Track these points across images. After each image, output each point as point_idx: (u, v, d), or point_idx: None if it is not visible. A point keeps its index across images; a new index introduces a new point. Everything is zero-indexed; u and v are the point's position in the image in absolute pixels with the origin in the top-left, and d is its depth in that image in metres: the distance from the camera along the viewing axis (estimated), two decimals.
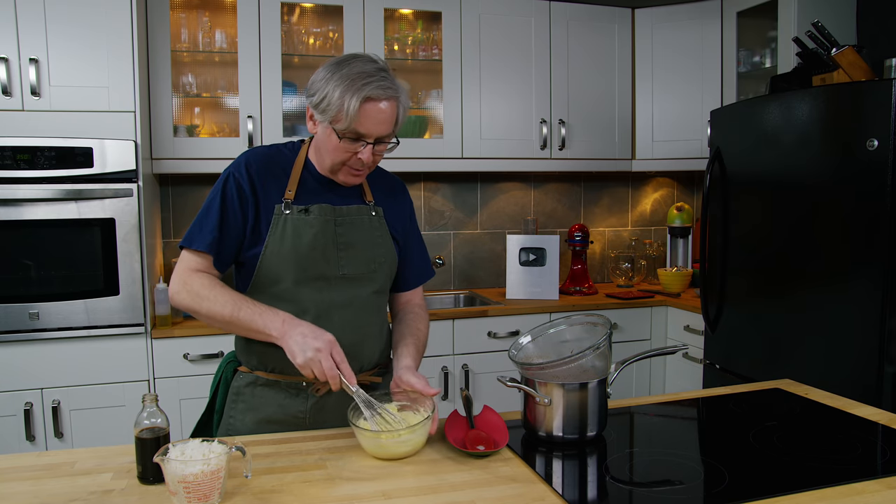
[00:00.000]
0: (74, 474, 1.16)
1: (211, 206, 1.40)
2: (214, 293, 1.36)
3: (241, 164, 1.43)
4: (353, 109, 1.30)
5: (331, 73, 1.33)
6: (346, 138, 1.34)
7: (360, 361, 1.47)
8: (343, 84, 1.30)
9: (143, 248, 2.51)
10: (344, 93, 1.30)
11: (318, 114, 1.35)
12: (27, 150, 2.37)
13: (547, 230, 3.65)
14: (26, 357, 2.42)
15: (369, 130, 1.34)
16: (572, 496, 1.09)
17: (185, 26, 2.92)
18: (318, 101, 1.34)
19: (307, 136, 2.96)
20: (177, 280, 1.41)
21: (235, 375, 1.51)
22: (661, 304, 3.24)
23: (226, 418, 1.49)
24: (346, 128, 1.33)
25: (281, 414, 1.45)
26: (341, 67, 1.33)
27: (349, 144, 1.35)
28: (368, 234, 1.48)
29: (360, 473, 1.17)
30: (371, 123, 1.33)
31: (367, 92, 1.30)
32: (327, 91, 1.32)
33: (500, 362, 2.95)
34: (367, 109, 1.31)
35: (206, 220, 1.40)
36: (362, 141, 1.35)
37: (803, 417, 1.46)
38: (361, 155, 1.36)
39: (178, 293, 1.40)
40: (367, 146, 1.36)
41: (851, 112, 2.16)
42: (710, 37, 3.26)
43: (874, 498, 1.06)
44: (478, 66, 3.14)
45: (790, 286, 2.39)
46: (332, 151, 1.38)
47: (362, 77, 1.30)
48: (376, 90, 1.31)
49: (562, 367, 1.32)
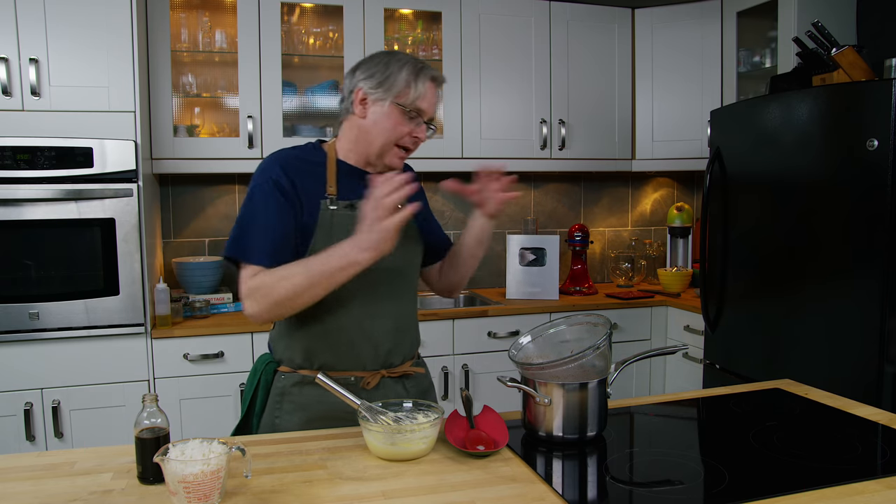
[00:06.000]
0: (74, 474, 1.16)
1: (264, 215, 1.37)
2: (278, 275, 1.33)
3: (276, 168, 1.41)
4: (421, 85, 1.42)
5: (387, 59, 1.44)
6: (408, 113, 1.42)
7: (403, 351, 1.52)
8: (408, 65, 1.42)
9: (143, 248, 2.51)
10: (411, 71, 1.42)
11: (381, 91, 1.41)
12: (27, 150, 2.37)
13: (547, 230, 3.65)
14: (26, 357, 2.42)
15: (428, 108, 1.44)
16: (572, 496, 1.09)
17: (185, 26, 2.92)
18: (383, 78, 1.41)
19: (309, 135, 2.98)
20: (246, 298, 1.34)
21: (276, 376, 1.49)
22: (661, 304, 3.24)
23: (269, 419, 1.47)
24: (411, 102, 1.41)
25: (331, 411, 1.44)
26: (394, 55, 1.45)
27: (408, 121, 1.43)
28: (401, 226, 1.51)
29: (360, 473, 1.17)
30: (430, 102, 1.44)
31: (430, 72, 1.44)
32: (391, 70, 1.41)
33: (500, 362, 2.95)
34: (431, 89, 1.44)
35: (264, 233, 1.37)
36: (420, 118, 1.44)
37: (803, 417, 1.46)
38: (417, 133, 1.44)
39: (253, 307, 1.33)
40: (422, 124, 1.45)
41: (851, 112, 2.16)
42: (710, 37, 3.26)
43: (874, 498, 1.06)
44: (478, 66, 3.14)
45: (790, 286, 2.39)
46: (390, 129, 1.43)
47: (419, 62, 1.45)
48: (435, 73, 1.45)
49: (562, 367, 1.32)
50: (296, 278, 1.31)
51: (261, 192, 1.39)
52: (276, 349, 1.52)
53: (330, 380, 1.28)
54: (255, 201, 1.39)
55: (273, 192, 1.39)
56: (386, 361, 1.49)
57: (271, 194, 1.39)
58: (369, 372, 1.47)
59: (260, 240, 1.37)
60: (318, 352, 1.44)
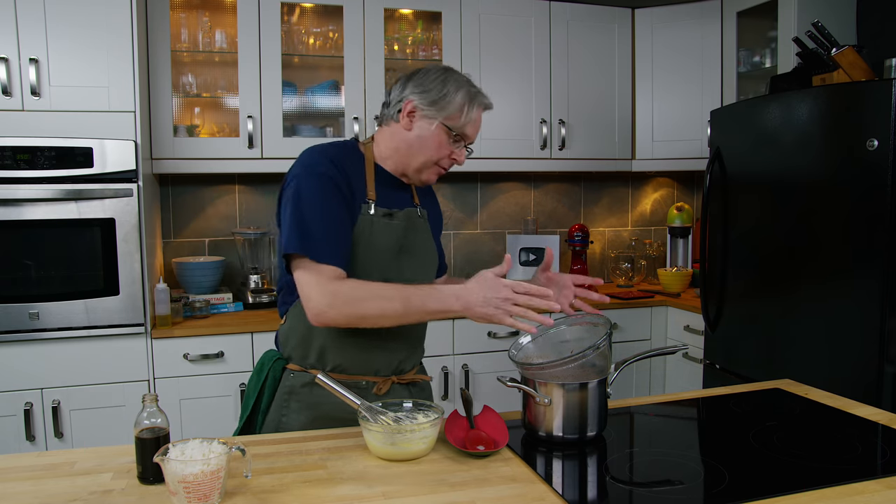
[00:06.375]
0: (74, 474, 1.16)
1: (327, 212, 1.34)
2: (372, 291, 1.31)
3: (326, 162, 1.37)
4: (473, 112, 1.41)
5: (446, 74, 1.42)
6: (454, 137, 1.41)
7: (414, 359, 1.55)
8: (464, 88, 1.41)
9: (143, 248, 2.51)
10: (466, 95, 1.40)
11: (434, 110, 1.39)
12: (27, 150, 2.37)
13: (547, 230, 3.65)
14: (26, 357, 2.42)
15: (472, 133, 1.44)
16: (572, 496, 1.09)
17: (185, 26, 2.92)
18: (438, 97, 1.39)
19: (308, 136, 2.99)
20: (322, 295, 1.29)
21: (285, 374, 1.47)
22: (661, 304, 3.24)
23: (275, 416, 1.46)
24: (459, 126, 1.41)
25: (339, 411, 1.40)
26: (451, 73, 1.42)
27: (452, 143, 1.42)
28: (423, 238, 1.53)
29: (360, 473, 1.17)
30: (475, 128, 1.44)
31: (483, 100, 1.44)
32: (448, 89, 1.40)
33: (500, 362, 2.94)
34: (479, 116, 1.44)
35: (331, 232, 1.34)
36: (463, 142, 1.44)
37: (803, 417, 1.46)
38: (457, 155, 1.44)
39: (330, 307, 1.29)
40: (462, 147, 1.45)
41: (851, 112, 2.16)
42: (710, 37, 3.26)
43: (874, 498, 1.06)
44: (478, 66, 3.14)
45: (790, 286, 2.39)
46: (434, 148, 1.42)
47: (474, 86, 1.43)
48: (487, 100, 1.45)
49: (562, 367, 1.32)
50: (393, 303, 1.29)
51: (316, 187, 1.34)
52: (285, 346, 1.49)
53: (330, 379, 1.28)
54: (313, 197, 1.34)
55: (330, 187, 1.35)
56: (398, 368, 1.50)
57: (329, 190, 1.35)
58: (381, 378, 1.47)
59: (329, 239, 1.33)
60: (332, 354, 1.43)
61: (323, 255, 1.32)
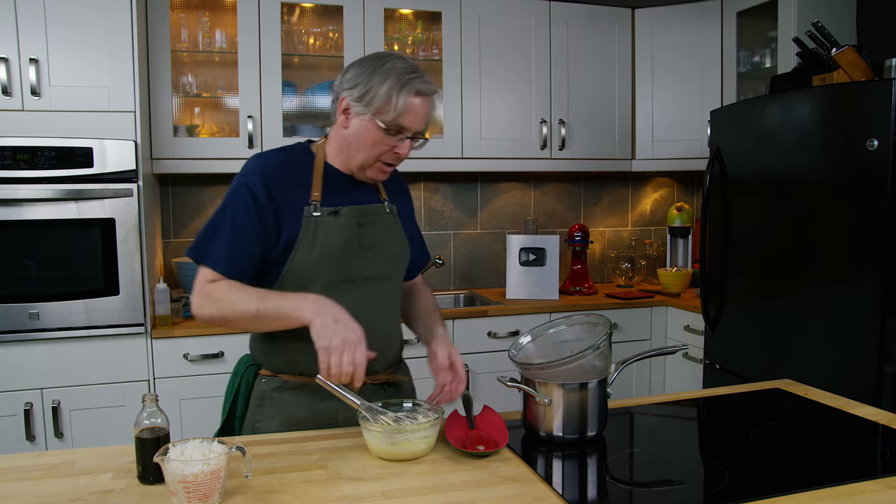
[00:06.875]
0: (74, 474, 1.16)
1: (232, 225, 1.36)
2: (235, 293, 1.33)
3: (253, 172, 1.39)
4: (402, 102, 1.33)
5: (372, 68, 1.35)
6: (388, 131, 1.35)
7: (386, 359, 1.50)
8: (391, 78, 1.33)
9: (143, 248, 2.51)
10: (393, 86, 1.32)
11: (361, 106, 1.35)
12: (27, 150, 2.37)
13: (547, 230, 3.65)
14: (26, 357, 2.42)
15: (411, 124, 1.36)
16: (572, 496, 1.09)
17: (185, 26, 2.92)
18: (362, 93, 1.34)
19: (308, 135, 2.99)
20: (196, 296, 1.38)
21: (257, 379, 1.47)
22: (661, 304, 3.24)
23: (250, 423, 1.46)
24: (391, 120, 1.34)
25: (313, 416, 1.42)
26: (382, 62, 1.35)
27: (389, 138, 1.36)
28: (388, 233, 1.49)
29: (360, 473, 1.17)
30: (414, 118, 1.36)
31: (415, 86, 1.33)
32: (372, 83, 1.33)
33: (500, 362, 2.94)
34: (414, 103, 1.34)
35: (219, 236, 1.37)
36: (402, 135, 1.37)
37: (803, 417, 1.46)
38: (399, 149, 1.38)
39: (200, 307, 1.36)
40: (405, 140, 1.38)
41: (851, 112, 2.16)
42: (710, 37, 3.26)
43: (874, 498, 1.06)
44: (478, 66, 3.14)
45: (790, 286, 2.39)
46: (369, 146, 1.37)
47: (407, 72, 1.34)
48: (422, 85, 1.35)
49: (562, 367, 1.32)
50: (247, 305, 1.30)
51: (236, 200, 1.37)
52: (255, 351, 1.50)
53: None
54: (228, 209, 1.37)
55: (247, 204, 1.36)
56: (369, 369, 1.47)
57: (246, 206, 1.36)
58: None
59: (224, 248, 1.36)
60: (300, 357, 1.41)
61: (205, 258, 1.37)
